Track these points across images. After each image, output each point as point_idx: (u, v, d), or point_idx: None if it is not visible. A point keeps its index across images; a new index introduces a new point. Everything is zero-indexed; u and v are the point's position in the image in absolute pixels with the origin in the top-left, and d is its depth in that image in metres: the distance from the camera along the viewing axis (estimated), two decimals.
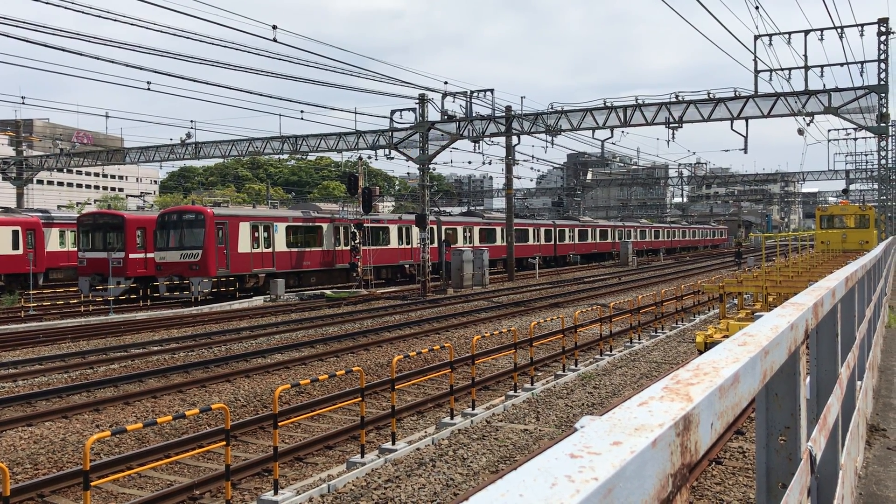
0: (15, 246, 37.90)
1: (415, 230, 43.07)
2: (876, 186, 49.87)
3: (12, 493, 8.65)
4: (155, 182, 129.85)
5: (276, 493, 8.70)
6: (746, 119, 32.31)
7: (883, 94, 30.67)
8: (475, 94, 36.72)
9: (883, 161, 36.51)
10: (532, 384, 14.80)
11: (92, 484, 7.53)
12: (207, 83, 31.58)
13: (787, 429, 2.74)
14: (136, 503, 8.86)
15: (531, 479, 0.91)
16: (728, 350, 1.90)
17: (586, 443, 1.06)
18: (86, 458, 7.00)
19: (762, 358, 1.99)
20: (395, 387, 11.59)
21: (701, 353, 15.57)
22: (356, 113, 41.32)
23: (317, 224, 38.93)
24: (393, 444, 10.69)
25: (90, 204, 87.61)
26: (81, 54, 26.54)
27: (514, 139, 43.05)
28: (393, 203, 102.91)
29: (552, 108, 35.79)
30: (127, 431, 7.84)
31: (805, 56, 30.37)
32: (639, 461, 1.04)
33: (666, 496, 1.15)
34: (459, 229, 49.92)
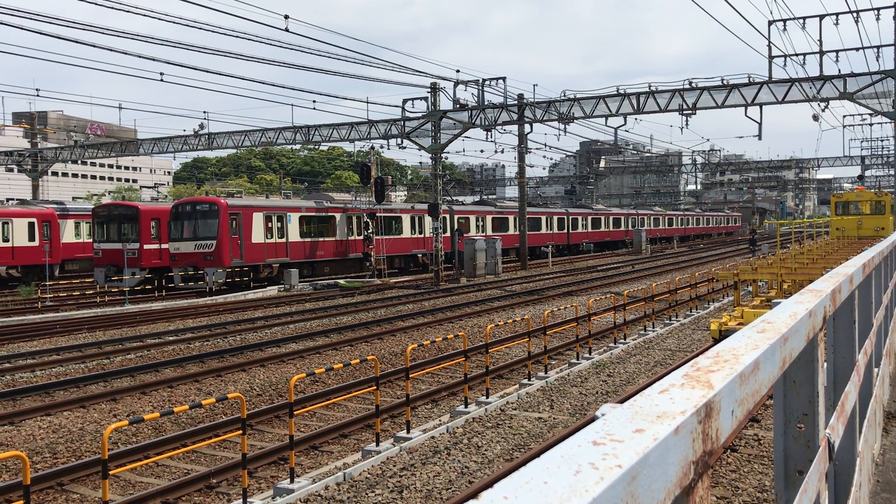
0: (31, 237, 38.18)
1: (427, 219, 43.06)
2: (892, 172, 49.43)
3: (32, 482, 8.74)
4: (168, 173, 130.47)
5: (292, 481, 8.76)
6: (761, 105, 32.06)
7: None
8: (487, 83, 36.60)
9: None
10: (546, 372, 14.80)
11: (110, 473, 7.61)
12: (220, 74, 31.62)
13: (804, 416, 2.73)
14: (153, 492, 8.94)
15: (555, 467, 0.91)
16: (747, 337, 1.89)
17: (609, 430, 1.06)
18: (104, 448, 7.07)
19: (781, 345, 1.99)
20: (410, 375, 11.63)
21: (716, 340, 15.53)
22: (368, 102, 41.30)
23: (330, 214, 39.01)
24: (408, 432, 10.73)
25: (105, 195, 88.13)
26: (95, 46, 26.64)
27: (527, 127, 42.92)
28: (405, 192, 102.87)
29: (564, 95, 35.65)
30: (144, 421, 7.91)
31: (820, 41, 30.06)
32: (661, 448, 1.04)
33: (688, 483, 1.15)
34: (472, 218, 49.88)
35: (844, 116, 68.65)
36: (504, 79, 36.49)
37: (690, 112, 33.40)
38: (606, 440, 1.02)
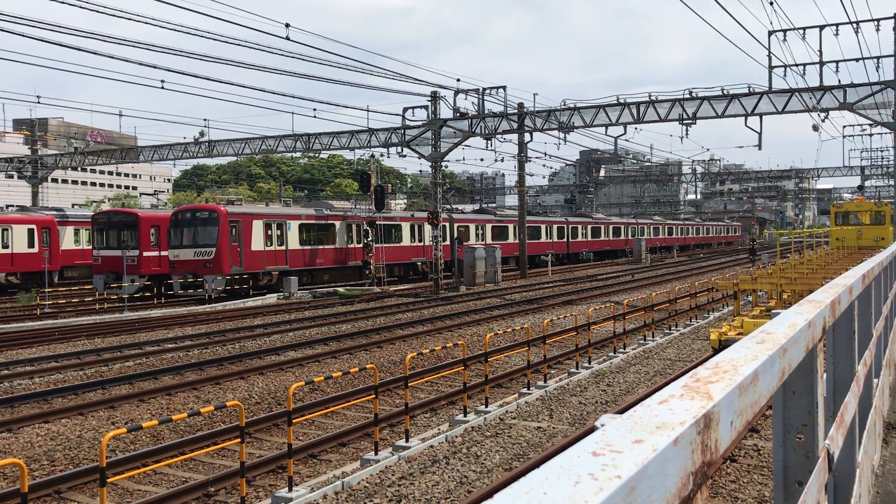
0: (31, 244, 38.18)
1: (427, 228, 43.08)
2: (892, 182, 49.49)
3: (30, 490, 8.72)
4: (168, 180, 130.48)
5: (290, 489, 8.73)
6: (760, 115, 32.11)
7: None
8: (487, 91, 36.69)
9: None
10: (545, 382, 14.78)
11: (108, 480, 7.59)
12: (221, 81, 31.74)
13: (804, 427, 2.73)
14: (151, 500, 8.92)
15: (554, 477, 0.91)
16: (747, 348, 1.89)
17: (608, 441, 1.06)
18: (102, 455, 7.05)
19: (780, 356, 1.99)
20: (409, 384, 11.61)
21: (715, 350, 15.52)
22: (368, 111, 41.47)
23: (329, 222, 39.02)
24: (406, 441, 10.70)
25: (105, 202, 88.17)
26: (96, 53, 26.74)
27: (527, 136, 42.99)
28: (405, 201, 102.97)
29: (564, 104, 35.72)
30: (142, 428, 7.89)
31: (820, 51, 30.14)
32: (661, 459, 1.04)
33: (687, 494, 1.15)
34: (472, 227, 49.89)
35: (844, 127, 68.63)
36: (504, 88, 36.62)
37: (690, 122, 33.45)
38: (606, 451, 1.02)
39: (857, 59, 30.81)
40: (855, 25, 29.20)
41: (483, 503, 0.81)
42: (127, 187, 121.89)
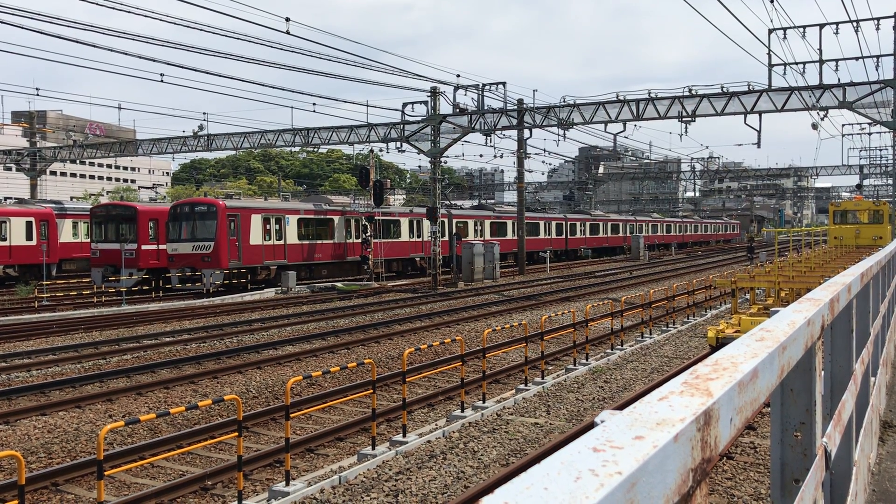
0: (29, 237, 38.15)
1: (426, 223, 43.08)
2: (890, 182, 49.51)
3: (27, 482, 8.71)
4: (167, 174, 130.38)
5: (287, 484, 8.74)
6: (760, 113, 32.12)
7: None
8: (487, 87, 36.66)
9: None
10: (543, 378, 14.79)
11: (106, 474, 7.59)
12: (220, 75, 31.65)
13: (802, 424, 2.74)
14: (148, 493, 8.92)
15: (555, 473, 0.91)
16: (746, 345, 1.89)
17: (609, 437, 1.06)
18: (100, 448, 7.05)
19: (780, 353, 1.99)
20: (407, 379, 11.61)
21: (712, 348, 15.54)
22: (368, 105, 41.40)
23: (328, 217, 39.00)
24: (404, 436, 10.71)
25: (103, 195, 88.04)
26: (95, 46, 26.62)
27: (526, 132, 42.95)
28: (404, 196, 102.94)
29: (564, 101, 35.69)
30: (140, 422, 7.89)
31: (819, 50, 30.14)
32: (661, 456, 1.04)
33: (686, 491, 1.16)
34: (470, 223, 49.89)
35: (843, 125, 68.81)
36: (504, 84, 36.54)
37: (690, 119, 33.43)
38: (606, 447, 1.02)
39: (856, 58, 30.83)
40: (855, 24, 29.20)
41: (484, 498, 0.81)
42: (125, 180, 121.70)
